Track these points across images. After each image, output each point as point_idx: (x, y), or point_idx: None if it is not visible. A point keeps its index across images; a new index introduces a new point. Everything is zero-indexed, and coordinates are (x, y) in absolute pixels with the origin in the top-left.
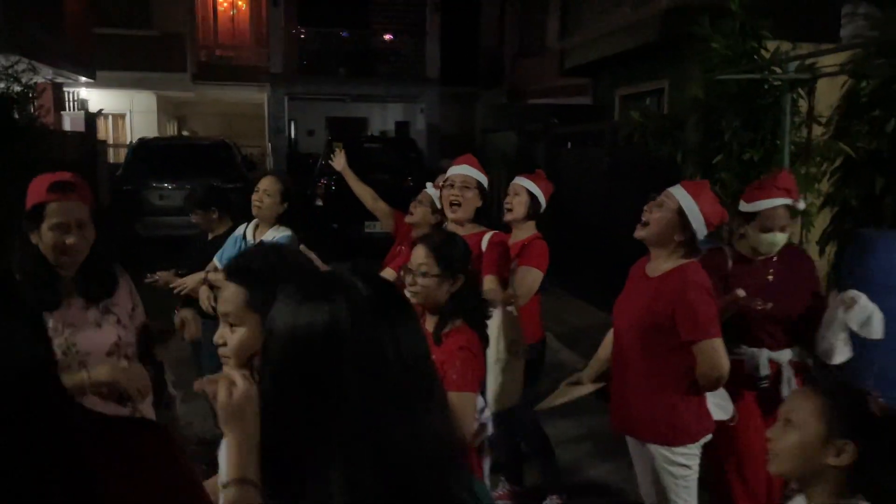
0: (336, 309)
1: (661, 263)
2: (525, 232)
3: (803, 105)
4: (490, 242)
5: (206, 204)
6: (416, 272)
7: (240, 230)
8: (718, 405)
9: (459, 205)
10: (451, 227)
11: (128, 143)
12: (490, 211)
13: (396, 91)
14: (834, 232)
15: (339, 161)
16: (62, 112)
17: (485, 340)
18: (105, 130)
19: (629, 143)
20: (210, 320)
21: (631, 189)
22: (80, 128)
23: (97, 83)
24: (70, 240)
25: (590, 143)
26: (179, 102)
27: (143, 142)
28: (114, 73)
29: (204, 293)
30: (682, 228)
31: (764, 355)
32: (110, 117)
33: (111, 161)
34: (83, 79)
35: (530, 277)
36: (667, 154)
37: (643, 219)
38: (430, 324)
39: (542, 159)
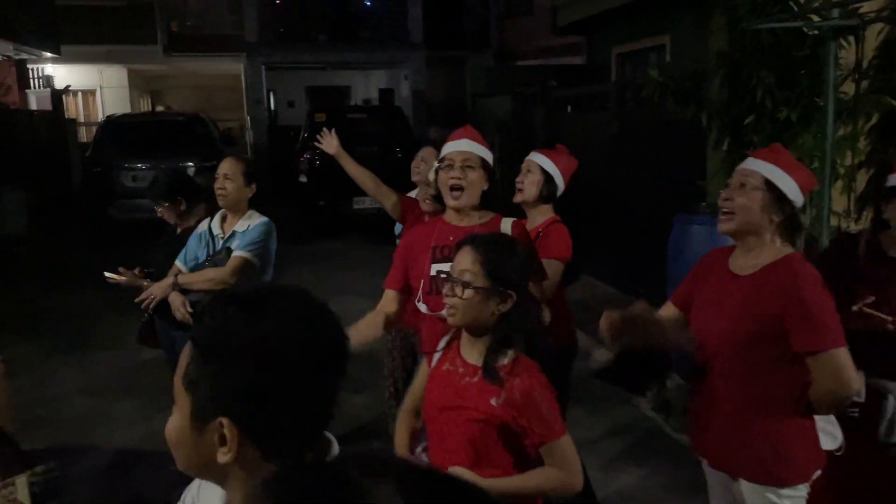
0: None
1: (755, 256)
2: (540, 216)
3: (844, 56)
4: (514, 228)
5: (170, 194)
6: (457, 281)
7: (202, 226)
8: (827, 432)
9: (462, 189)
10: (451, 216)
11: (99, 120)
12: (494, 191)
13: (379, 57)
14: (870, 194)
15: (330, 143)
16: (27, 90)
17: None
18: (74, 108)
19: (639, 105)
20: (184, 331)
21: (643, 154)
22: (47, 106)
23: (63, 58)
24: None
25: (594, 106)
26: (152, 76)
27: (111, 120)
28: (80, 48)
29: (177, 300)
30: (778, 206)
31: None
32: (79, 94)
33: (82, 140)
34: (48, 54)
35: (551, 270)
36: (690, 116)
37: (724, 209)
38: (469, 352)
39: (541, 124)
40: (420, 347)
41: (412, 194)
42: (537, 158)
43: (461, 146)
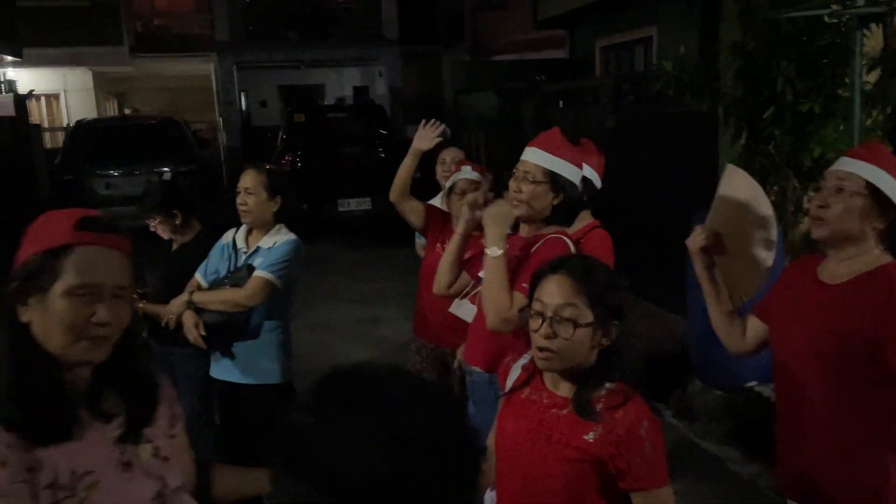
0: None
1: (850, 265)
2: (578, 222)
3: (867, 45)
4: (544, 244)
5: (166, 206)
6: (559, 319)
7: (227, 236)
8: None
9: (520, 202)
10: (522, 226)
11: (64, 125)
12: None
13: (353, 53)
14: None
15: (429, 137)
16: None
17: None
18: (38, 113)
19: (638, 98)
20: (191, 349)
21: (645, 149)
22: (10, 112)
23: (25, 62)
24: (105, 315)
25: (587, 100)
26: (118, 78)
27: (81, 125)
28: (43, 50)
29: (190, 320)
30: (881, 212)
31: None
32: (43, 98)
33: (48, 146)
34: (9, 58)
35: None
36: (705, 109)
37: (814, 215)
38: (555, 382)
39: (531, 121)
40: (463, 355)
41: (436, 201)
42: None
43: (528, 155)
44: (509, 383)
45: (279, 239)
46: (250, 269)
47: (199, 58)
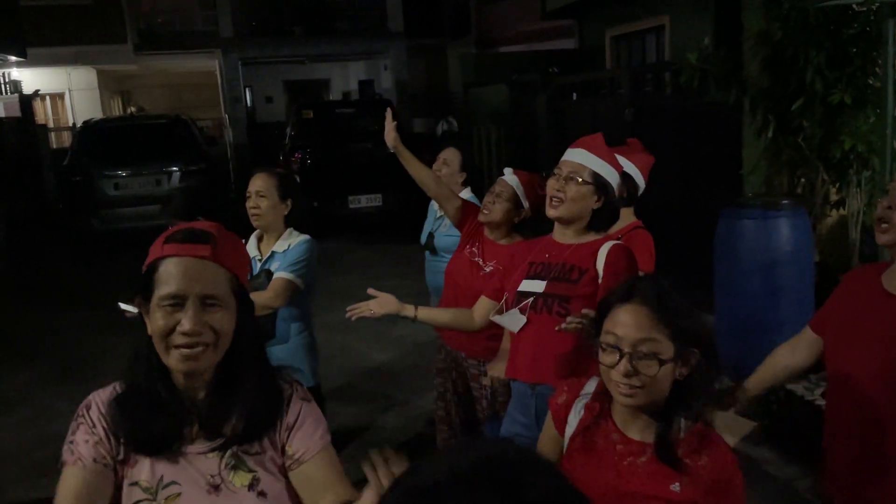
0: None
1: None
2: (620, 222)
3: None
4: (610, 253)
5: (189, 214)
6: (637, 354)
7: None
8: None
9: (562, 201)
10: (556, 232)
11: (70, 124)
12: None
13: (358, 48)
14: None
15: (388, 134)
16: None
17: None
18: (43, 113)
19: (657, 89)
20: None
21: (664, 142)
22: (16, 112)
23: (29, 61)
24: (187, 324)
25: (602, 92)
26: (122, 76)
27: (89, 125)
28: (47, 50)
29: None
30: None
31: None
32: (48, 98)
33: (53, 146)
34: (13, 58)
35: None
36: (732, 101)
37: (882, 216)
38: (628, 423)
39: (544, 114)
40: (507, 372)
41: (464, 194)
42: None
43: (573, 156)
44: (571, 424)
45: (293, 241)
46: (269, 274)
47: (203, 54)
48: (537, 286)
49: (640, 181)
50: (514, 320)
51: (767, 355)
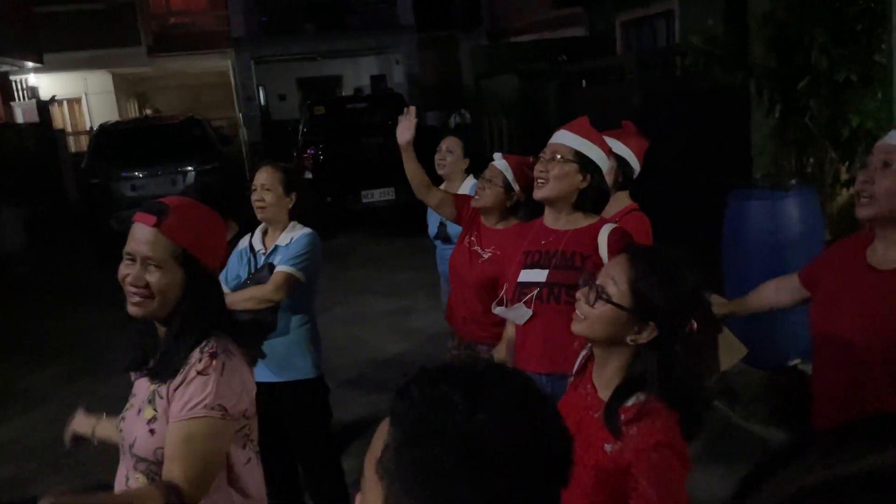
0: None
1: None
2: (616, 204)
3: None
4: (611, 237)
5: None
6: (595, 287)
7: (243, 242)
8: None
9: (545, 181)
10: (548, 218)
11: (87, 128)
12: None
13: (369, 43)
14: None
15: (404, 132)
16: (11, 103)
17: (692, 429)
18: (61, 118)
19: (665, 74)
20: None
21: (673, 127)
22: (34, 118)
23: (46, 67)
24: (129, 277)
25: (611, 78)
26: (137, 79)
27: (104, 128)
28: (63, 55)
29: None
30: None
31: None
32: (65, 103)
33: (72, 150)
34: (30, 64)
35: None
36: (739, 82)
37: (861, 189)
38: (598, 378)
39: (554, 102)
40: (515, 364)
41: (465, 188)
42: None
43: (557, 137)
44: (575, 369)
45: (296, 234)
46: (271, 267)
47: (216, 54)
48: (539, 276)
49: (636, 164)
50: (519, 314)
51: (774, 334)
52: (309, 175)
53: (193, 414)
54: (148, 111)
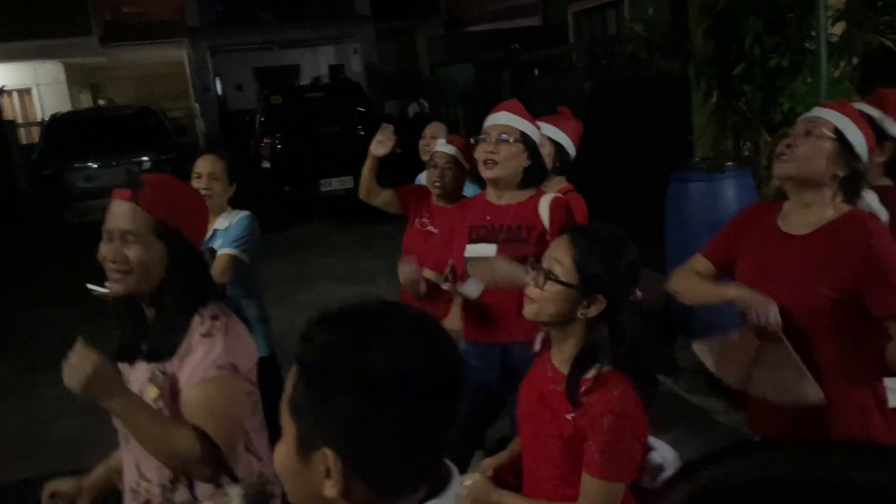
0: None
1: (812, 214)
2: (554, 187)
3: None
4: (553, 206)
5: None
6: (542, 271)
7: None
8: (893, 389)
9: (496, 162)
10: (490, 194)
11: (39, 120)
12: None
13: (327, 32)
14: None
15: (385, 144)
16: None
17: (648, 394)
18: (11, 109)
19: (612, 62)
20: None
21: (621, 112)
22: None
23: None
24: (106, 253)
25: (562, 67)
26: (90, 69)
27: (57, 118)
28: (11, 45)
29: None
30: (845, 160)
31: None
32: (14, 94)
33: (23, 142)
34: None
35: None
36: (678, 69)
37: (781, 152)
38: (557, 355)
39: (509, 91)
40: (470, 336)
41: (421, 178)
42: (545, 130)
43: (499, 119)
44: (535, 348)
45: (233, 218)
46: (212, 251)
47: (171, 44)
48: (488, 250)
49: (572, 150)
50: (473, 288)
51: (715, 308)
52: (266, 164)
53: (205, 375)
54: (101, 102)
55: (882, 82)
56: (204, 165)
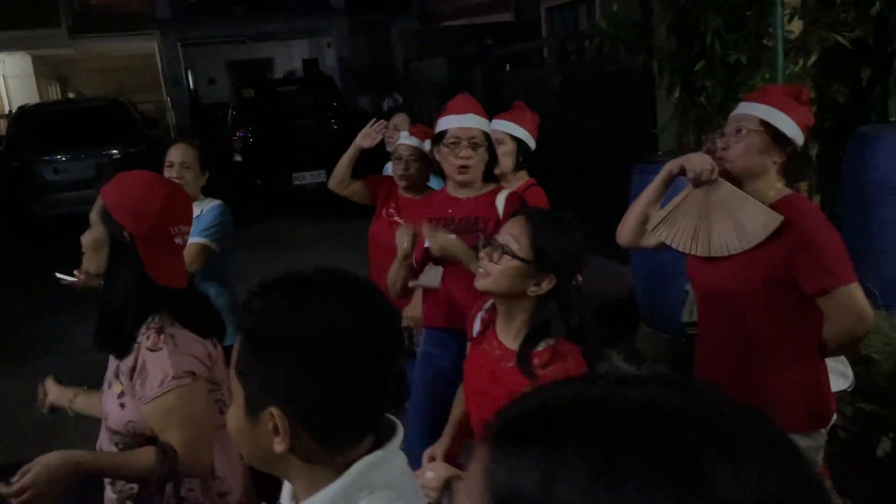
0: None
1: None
2: (517, 181)
3: None
4: (508, 200)
5: None
6: (497, 245)
7: None
8: (838, 371)
9: (468, 168)
10: (451, 188)
11: (6, 112)
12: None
13: (300, 26)
14: (815, 132)
15: (368, 139)
16: None
17: (593, 365)
18: None
19: (581, 57)
20: None
21: (589, 107)
22: None
23: None
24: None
25: (533, 62)
26: (59, 61)
27: (24, 110)
28: None
29: None
30: (778, 147)
31: None
32: None
33: None
34: None
35: None
36: (641, 65)
37: (720, 156)
38: (504, 333)
39: (479, 85)
40: (429, 322)
41: (388, 168)
42: (505, 127)
43: (466, 122)
44: (475, 331)
45: (205, 206)
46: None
47: (141, 36)
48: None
49: (532, 143)
50: (434, 276)
51: (676, 297)
52: (238, 158)
53: (164, 389)
54: (70, 95)
55: (840, 78)
56: (176, 154)
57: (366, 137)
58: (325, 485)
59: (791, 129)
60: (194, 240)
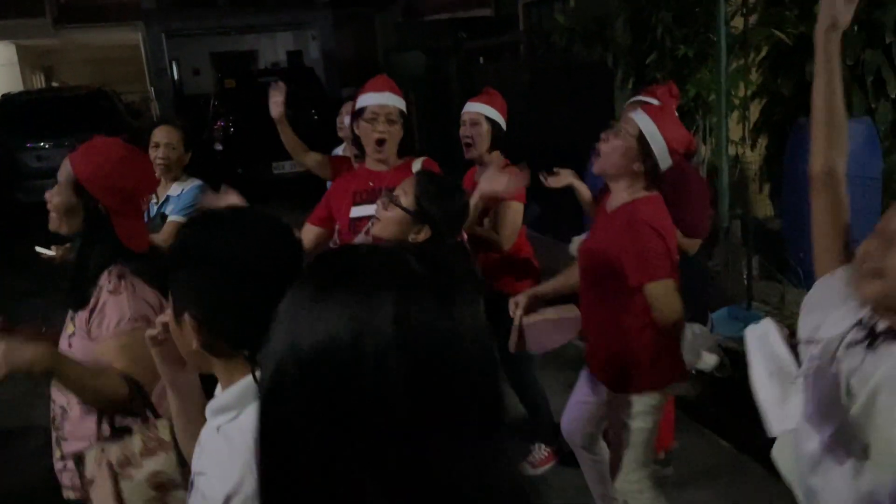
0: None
1: (617, 197)
2: (494, 162)
3: None
4: (424, 166)
5: None
6: (390, 197)
7: None
8: (713, 353)
9: (386, 142)
10: (370, 162)
11: None
12: (412, 142)
13: (285, 18)
14: (765, 124)
15: (276, 104)
16: None
17: None
18: None
19: (549, 52)
20: None
21: (555, 100)
22: None
23: None
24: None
25: (506, 56)
26: (43, 51)
27: (8, 98)
28: None
29: None
30: (642, 157)
31: None
32: None
33: None
34: None
35: (511, 213)
36: (597, 58)
37: (598, 149)
38: None
39: (455, 77)
40: None
41: (338, 151)
42: (482, 109)
43: (384, 100)
44: None
45: (186, 185)
46: (164, 217)
47: (125, 27)
48: (372, 210)
49: (504, 124)
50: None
51: None
52: (219, 146)
53: (120, 330)
54: (55, 85)
55: (787, 73)
56: (161, 135)
57: (274, 107)
58: (240, 378)
59: (660, 147)
60: (174, 218)
